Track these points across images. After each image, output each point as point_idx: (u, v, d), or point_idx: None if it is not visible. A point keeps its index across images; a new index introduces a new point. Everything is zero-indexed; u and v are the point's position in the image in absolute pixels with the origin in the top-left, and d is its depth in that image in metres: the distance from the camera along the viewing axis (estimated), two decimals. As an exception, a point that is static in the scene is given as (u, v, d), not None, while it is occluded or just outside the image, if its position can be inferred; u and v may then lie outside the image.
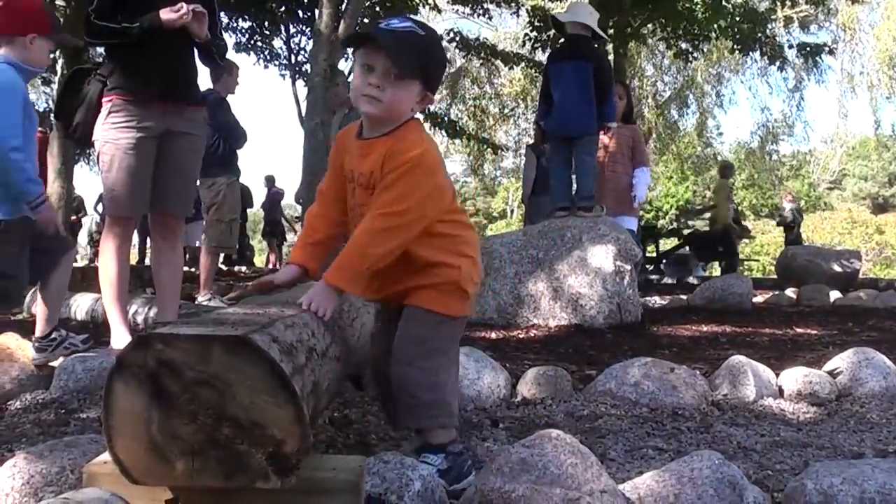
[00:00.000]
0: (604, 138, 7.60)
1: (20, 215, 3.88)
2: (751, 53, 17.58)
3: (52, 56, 4.25)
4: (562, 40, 7.87)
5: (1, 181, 3.76)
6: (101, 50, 5.64)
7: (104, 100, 4.17)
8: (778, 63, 16.70)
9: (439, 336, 2.37)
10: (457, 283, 2.35)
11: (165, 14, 4.06)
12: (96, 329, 4.87)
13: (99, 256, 4.27)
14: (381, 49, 2.20)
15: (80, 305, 6.42)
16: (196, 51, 4.40)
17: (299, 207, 13.15)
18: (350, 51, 10.97)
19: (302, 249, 2.49)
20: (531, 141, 12.55)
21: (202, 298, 6.91)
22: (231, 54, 9.66)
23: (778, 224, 16.53)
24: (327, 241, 2.50)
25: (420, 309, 2.35)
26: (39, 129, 5.22)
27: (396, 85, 2.23)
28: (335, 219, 2.50)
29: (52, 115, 10.06)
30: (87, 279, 7.22)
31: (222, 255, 10.98)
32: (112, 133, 4.12)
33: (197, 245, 11.62)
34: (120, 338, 4.15)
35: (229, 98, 7.33)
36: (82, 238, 18.29)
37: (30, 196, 3.82)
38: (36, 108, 4.20)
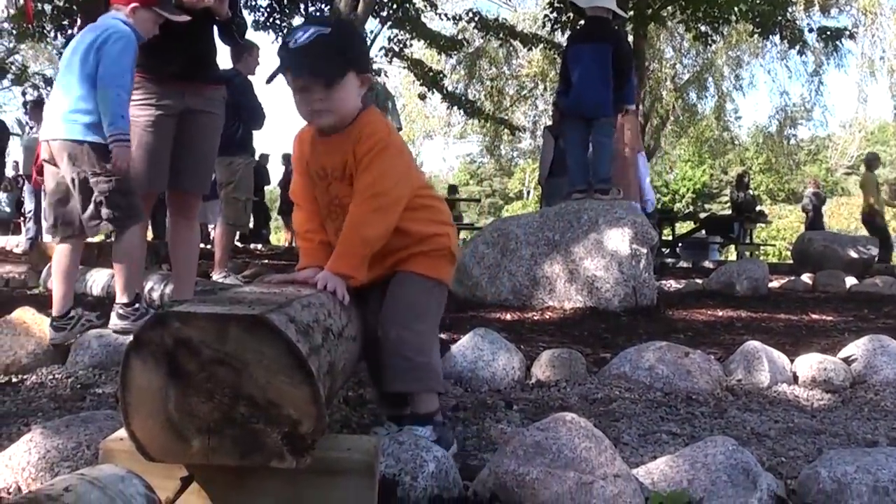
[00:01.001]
0: (621, 122, 7.59)
1: None
2: (771, 37, 17.46)
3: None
4: (581, 22, 7.82)
5: (101, 109, 3.84)
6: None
7: (123, 77, 4.18)
8: (798, 47, 16.61)
9: (429, 301, 2.48)
10: (448, 249, 2.49)
11: None
12: (111, 305, 4.87)
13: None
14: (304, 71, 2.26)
15: (97, 281, 6.44)
16: (216, 29, 4.41)
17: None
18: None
19: (313, 251, 2.49)
20: (549, 122, 12.54)
21: (217, 276, 6.90)
22: (249, 32, 9.64)
23: (803, 210, 16.63)
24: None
25: (413, 274, 2.44)
26: None
27: (335, 90, 2.29)
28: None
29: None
30: (102, 255, 7.23)
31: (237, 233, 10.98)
32: (131, 110, 4.13)
33: (211, 227, 11.61)
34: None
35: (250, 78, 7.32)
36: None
37: (115, 129, 3.85)
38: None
